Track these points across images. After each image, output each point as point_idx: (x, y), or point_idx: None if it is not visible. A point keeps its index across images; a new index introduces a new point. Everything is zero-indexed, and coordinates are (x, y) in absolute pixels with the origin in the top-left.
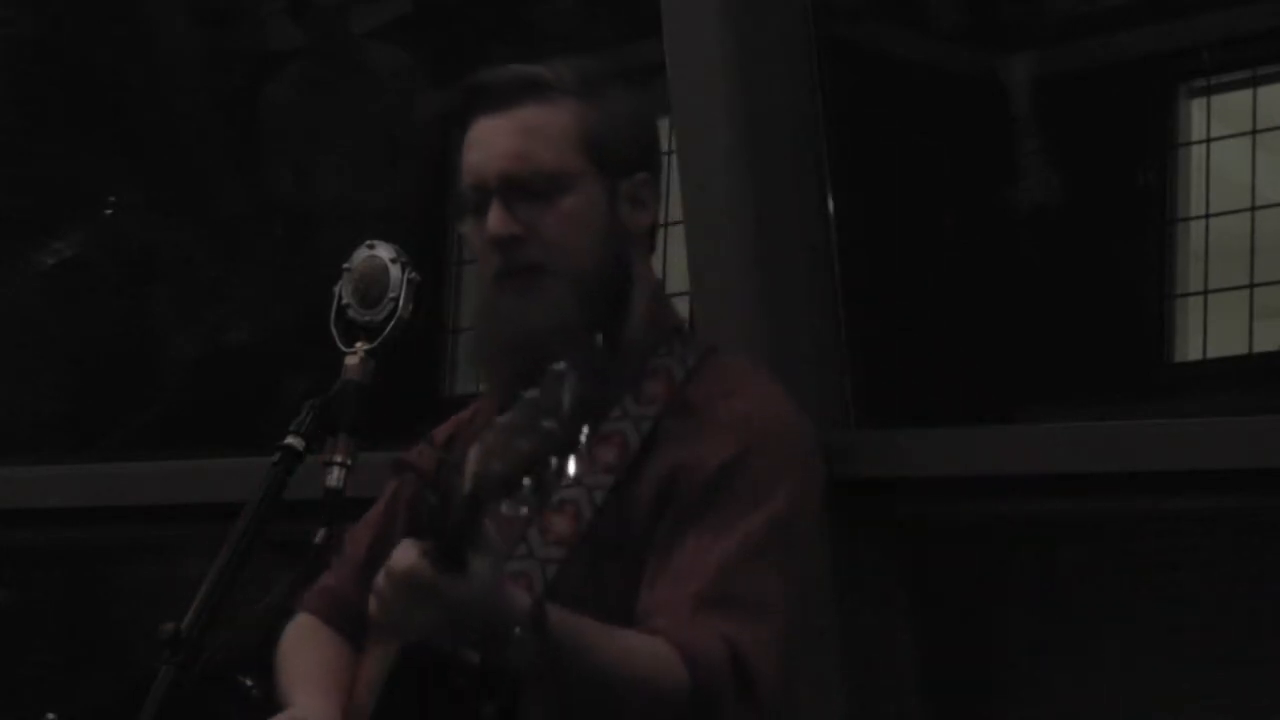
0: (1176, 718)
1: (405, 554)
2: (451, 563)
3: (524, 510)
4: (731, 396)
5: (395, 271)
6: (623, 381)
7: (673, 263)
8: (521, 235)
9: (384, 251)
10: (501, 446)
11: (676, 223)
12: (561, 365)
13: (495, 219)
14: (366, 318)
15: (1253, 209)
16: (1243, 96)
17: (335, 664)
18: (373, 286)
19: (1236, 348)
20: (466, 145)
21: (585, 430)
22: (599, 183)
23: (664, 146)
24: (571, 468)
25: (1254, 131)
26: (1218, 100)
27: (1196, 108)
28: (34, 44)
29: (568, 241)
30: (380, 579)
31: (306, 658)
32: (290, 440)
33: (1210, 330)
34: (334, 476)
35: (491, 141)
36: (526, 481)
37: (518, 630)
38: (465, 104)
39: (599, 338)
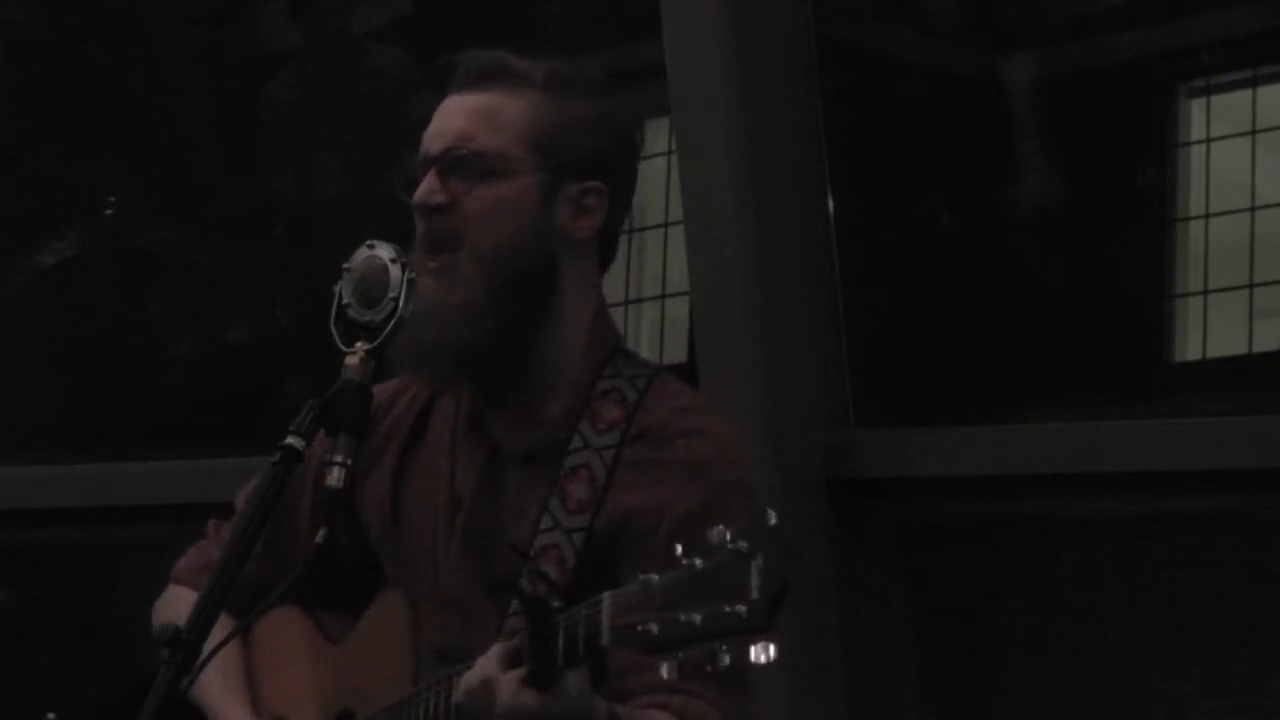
0: (1176, 718)
1: (506, 682)
2: (548, 680)
3: (675, 675)
4: (691, 436)
5: (395, 271)
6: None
7: (673, 263)
8: (444, 204)
9: (384, 251)
10: (654, 608)
11: (676, 223)
12: (741, 543)
13: (424, 186)
14: (366, 318)
15: (1252, 209)
16: (1242, 96)
17: (237, 654)
18: (373, 286)
19: (1236, 348)
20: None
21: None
22: (538, 178)
23: (665, 145)
24: (762, 656)
25: (1254, 131)
26: (1217, 100)
27: (1196, 108)
28: (34, 44)
29: (489, 223)
30: (473, 683)
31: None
32: (290, 440)
33: (1210, 330)
34: (334, 476)
35: (445, 118)
36: (682, 654)
37: None
38: (440, 81)
39: (769, 514)
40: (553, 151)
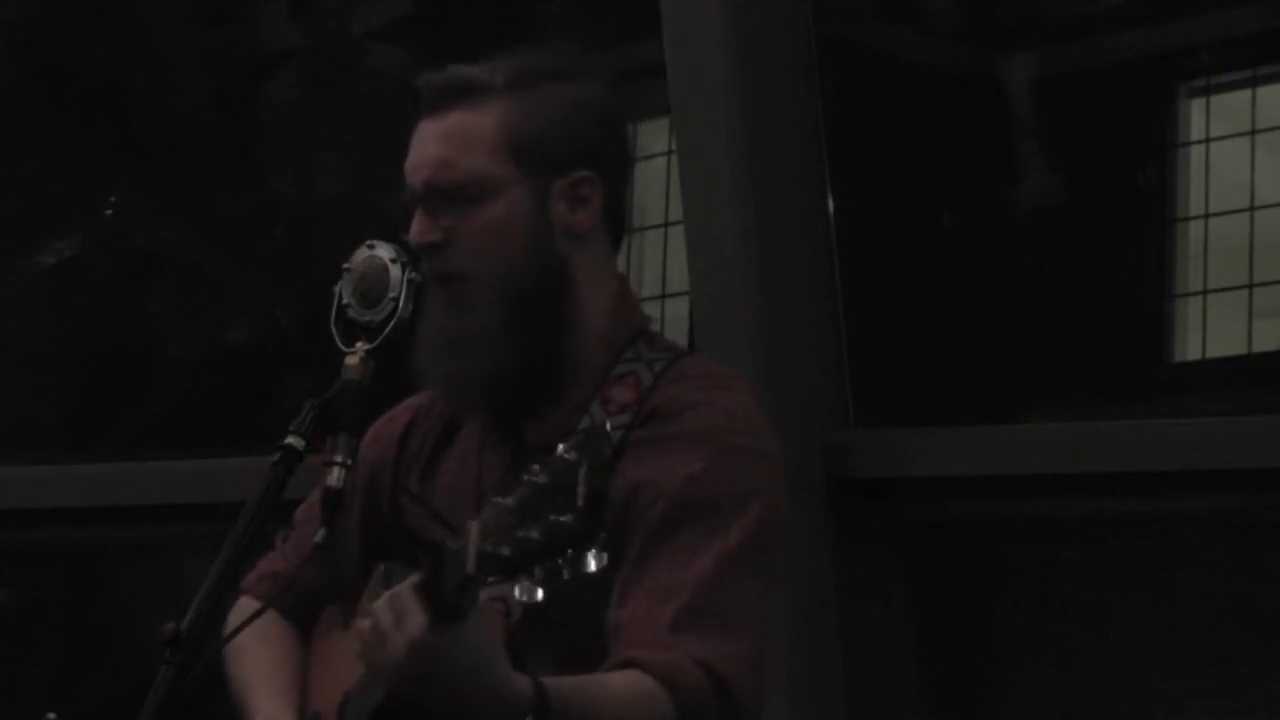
0: (1176, 718)
1: (393, 604)
2: (446, 617)
3: (538, 596)
4: (699, 407)
5: (395, 271)
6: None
7: (673, 263)
8: (439, 242)
9: (384, 251)
10: (506, 530)
11: (676, 223)
12: (572, 453)
13: (415, 226)
14: (366, 318)
15: (1252, 209)
16: (1242, 96)
17: (290, 660)
18: (373, 286)
19: (1236, 348)
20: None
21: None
22: (525, 184)
23: (665, 145)
24: (592, 564)
25: (1253, 131)
26: (1217, 100)
27: (1196, 108)
28: (34, 44)
29: (488, 248)
30: (365, 625)
31: (261, 653)
32: (290, 440)
33: (1210, 330)
34: (334, 476)
35: (420, 148)
36: (537, 571)
37: None
38: (416, 106)
39: (605, 424)
40: (532, 153)
